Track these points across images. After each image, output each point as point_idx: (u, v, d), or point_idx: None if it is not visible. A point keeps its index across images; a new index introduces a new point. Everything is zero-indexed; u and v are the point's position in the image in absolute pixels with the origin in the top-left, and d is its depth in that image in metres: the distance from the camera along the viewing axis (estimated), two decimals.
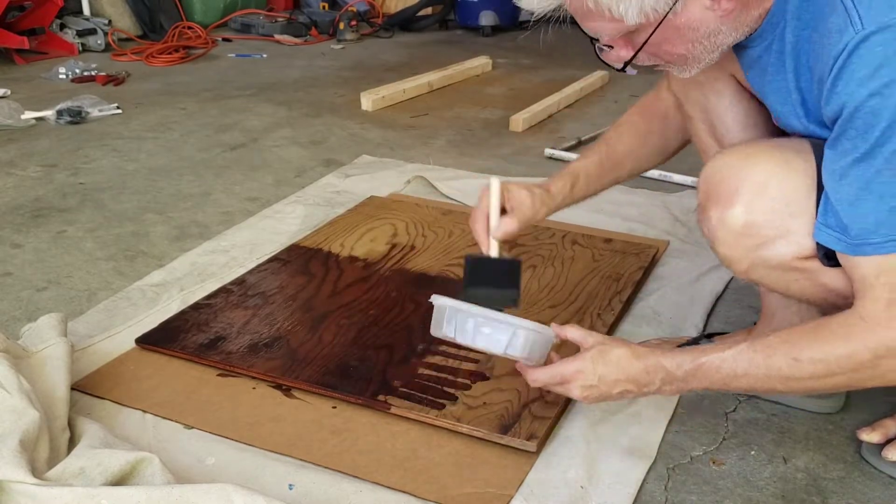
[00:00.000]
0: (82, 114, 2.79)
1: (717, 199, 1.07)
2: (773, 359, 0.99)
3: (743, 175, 1.04)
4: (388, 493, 1.09)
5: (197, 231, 1.93)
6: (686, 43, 1.01)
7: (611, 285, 1.62)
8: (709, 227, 1.09)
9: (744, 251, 1.06)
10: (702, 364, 1.03)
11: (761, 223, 1.04)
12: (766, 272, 1.08)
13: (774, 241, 1.04)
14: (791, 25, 0.99)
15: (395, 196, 2.12)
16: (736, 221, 1.05)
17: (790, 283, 1.08)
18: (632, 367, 1.05)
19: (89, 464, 1.03)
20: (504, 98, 3.24)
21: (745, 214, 1.04)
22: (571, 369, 1.08)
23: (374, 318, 1.49)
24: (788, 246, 1.03)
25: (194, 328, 1.44)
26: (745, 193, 1.04)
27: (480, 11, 4.52)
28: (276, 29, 4.41)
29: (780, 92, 1.06)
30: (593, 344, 1.09)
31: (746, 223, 1.04)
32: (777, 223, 1.03)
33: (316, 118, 2.91)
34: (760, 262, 1.06)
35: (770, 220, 1.03)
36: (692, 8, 0.97)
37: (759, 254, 1.05)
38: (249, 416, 1.24)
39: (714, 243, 1.09)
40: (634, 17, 0.96)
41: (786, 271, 1.06)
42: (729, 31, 1.01)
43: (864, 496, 1.12)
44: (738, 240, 1.06)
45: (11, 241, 1.87)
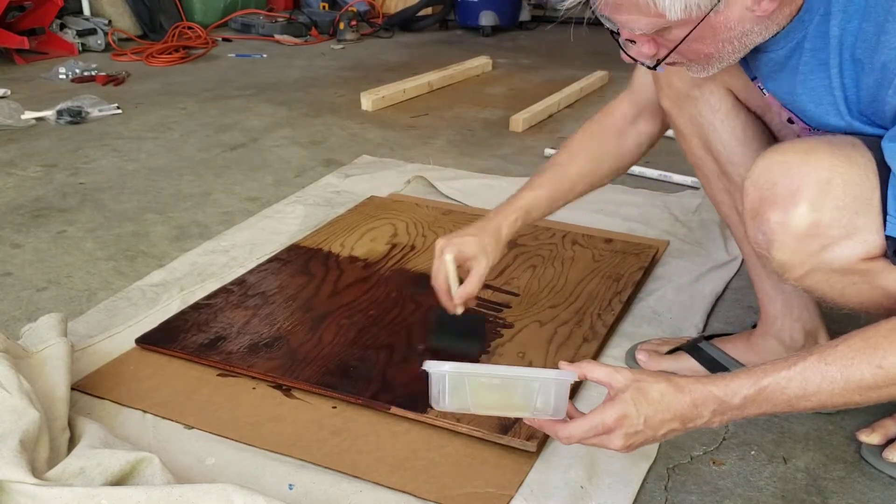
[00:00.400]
0: (82, 114, 2.80)
1: (776, 200, 0.98)
2: (852, 369, 0.91)
3: (804, 172, 0.97)
4: (388, 493, 1.09)
5: (197, 231, 1.93)
6: (718, 42, 0.97)
7: (611, 285, 1.62)
8: (765, 232, 1.00)
9: (806, 255, 0.99)
10: (765, 387, 0.93)
11: (828, 222, 0.96)
12: (825, 277, 1.01)
13: (841, 242, 0.97)
14: (836, 18, 0.95)
15: (395, 196, 2.12)
16: (801, 222, 0.96)
17: (846, 288, 1.02)
18: (678, 402, 0.95)
19: (89, 464, 1.03)
20: (504, 98, 3.24)
21: (811, 214, 0.96)
22: (613, 416, 0.95)
23: (374, 318, 1.49)
24: (856, 246, 0.97)
25: (194, 328, 1.44)
26: (808, 191, 0.96)
27: (480, 11, 4.52)
28: (276, 29, 4.41)
29: (816, 90, 1.01)
30: (627, 382, 0.97)
31: (813, 223, 0.96)
32: (844, 222, 0.96)
33: (316, 118, 2.91)
34: (823, 265, 0.99)
35: (837, 219, 0.96)
36: (734, 7, 0.93)
37: (822, 257, 0.98)
38: (249, 416, 1.24)
39: (771, 248, 1.01)
40: (677, 13, 0.91)
41: (846, 275, 1.00)
42: (760, 30, 0.97)
43: (864, 496, 1.12)
44: (802, 242, 0.98)
45: (11, 241, 1.87)
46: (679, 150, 1.35)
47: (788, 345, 1.30)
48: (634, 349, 1.41)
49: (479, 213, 1.99)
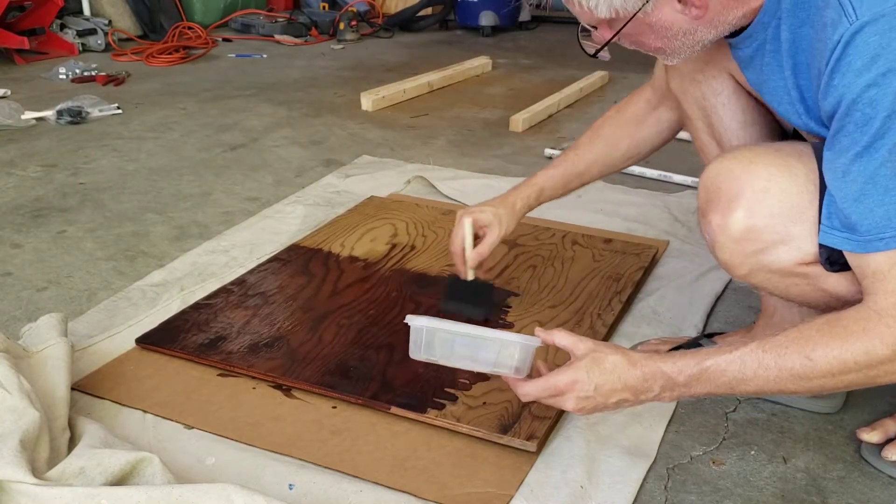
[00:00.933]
0: (82, 114, 2.80)
1: (718, 203, 1.06)
2: (785, 358, 0.95)
3: (744, 180, 1.03)
4: (388, 493, 1.09)
5: (197, 231, 1.93)
6: (661, 39, 1.03)
7: (611, 285, 1.62)
8: (709, 232, 1.08)
9: (744, 256, 1.05)
10: (706, 368, 0.98)
11: (762, 228, 1.02)
12: (766, 277, 1.07)
13: (776, 247, 1.03)
14: (786, 23, 0.99)
15: (395, 196, 2.12)
16: (737, 227, 1.03)
17: (790, 288, 1.07)
18: (629, 374, 1.01)
19: (89, 464, 1.03)
20: (504, 98, 3.24)
21: (745, 219, 1.03)
22: (565, 380, 1.03)
23: (374, 318, 1.49)
24: (790, 252, 1.02)
25: (194, 328, 1.44)
26: (746, 198, 1.02)
27: (480, 11, 4.52)
28: (276, 29, 4.41)
29: (777, 91, 1.06)
30: (585, 351, 1.04)
31: (747, 228, 1.03)
32: (778, 228, 1.02)
33: (316, 118, 2.91)
34: (761, 267, 1.05)
35: (771, 226, 1.02)
36: (663, 9, 0.99)
37: (759, 259, 1.04)
38: (249, 416, 1.24)
39: (714, 248, 1.08)
40: (604, 12, 1.00)
41: (786, 276, 1.05)
42: (706, 30, 1.02)
43: (863, 496, 1.12)
44: (739, 245, 1.04)
45: (11, 241, 1.87)
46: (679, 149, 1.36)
47: None
48: (634, 349, 1.41)
49: None
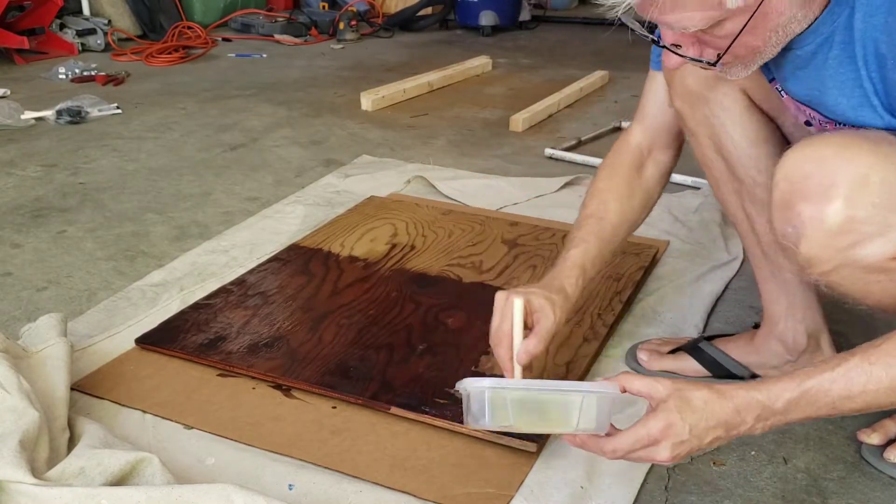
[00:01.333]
0: (82, 114, 2.79)
1: (809, 194, 0.95)
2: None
3: (840, 167, 0.94)
4: (388, 493, 1.09)
5: (197, 231, 1.93)
6: (766, 32, 0.94)
7: (611, 285, 1.61)
8: (796, 225, 0.98)
9: (835, 251, 0.96)
10: (808, 390, 0.90)
11: (863, 219, 0.93)
12: (850, 273, 0.99)
13: (873, 239, 0.95)
14: (860, 11, 0.93)
15: (395, 196, 2.12)
16: (835, 218, 0.94)
17: (871, 285, 1.00)
18: (722, 408, 0.92)
19: (89, 464, 1.03)
20: (504, 98, 3.24)
21: (846, 210, 0.93)
22: (659, 426, 0.92)
23: (374, 318, 1.49)
24: (887, 244, 0.94)
25: (194, 328, 1.44)
26: (844, 186, 0.93)
27: (480, 11, 4.52)
28: (275, 29, 4.41)
29: (846, 84, 0.98)
30: (667, 392, 0.94)
31: (847, 219, 0.94)
32: (878, 219, 0.94)
33: (316, 118, 2.91)
34: (850, 262, 0.97)
35: (872, 216, 0.93)
36: None
37: (851, 253, 0.96)
38: (249, 416, 1.24)
39: (800, 242, 0.98)
40: (737, 1, 0.88)
41: (872, 272, 0.98)
42: (801, 18, 0.95)
43: (864, 497, 1.12)
44: (834, 238, 0.95)
45: (11, 241, 1.87)
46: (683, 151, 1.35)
47: (791, 346, 1.30)
48: (635, 349, 1.41)
49: (480, 213, 2.00)
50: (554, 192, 2.16)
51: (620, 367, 1.39)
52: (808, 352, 1.28)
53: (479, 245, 1.80)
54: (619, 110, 3.01)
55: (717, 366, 1.32)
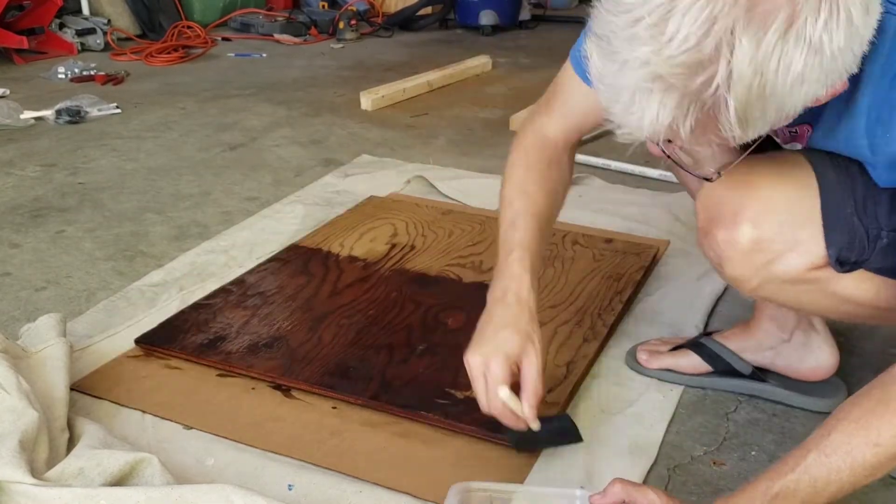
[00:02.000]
0: (81, 113, 2.79)
1: (721, 219, 1.03)
2: (853, 455, 0.88)
3: (746, 192, 1.02)
4: (388, 494, 1.09)
5: (196, 231, 1.93)
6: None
7: (611, 285, 1.61)
8: (715, 249, 1.05)
9: (754, 269, 1.03)
10: (776, 495, 0.90)
11: (771, 237, 1.01)
12: (776, 287, 1.05)
13: (785, 255, 1.01)
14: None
15: (394, 196, 2.11)
16: (745, 239, 1.01)
17: (801, 296, 1.05)
18: None
19: (88, 464, 1.02)
20: (504, 98, 3.23)
21: (754, 231, 1.01)
22: None
23: (373, 318, 1.48)
24: (799, 258, 1.01)
25: (194, 328, 1.44)
26: (750, 209, 1.01)
27: (480, 11, 4.51)
28: (275, 28, 4.40)
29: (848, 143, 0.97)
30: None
31: (755, 239, 1.01)
32: (787, 236, 1.00)
33: (315, 118, 2.91)
34: (772, 277, 1.03)
35: (779, 234, 1.01)
36: None
37: (769, 269, 1.03)
38: (249, 416, 1.24)
39: (721, 264, 1.06)
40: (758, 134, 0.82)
41: (797, 284, 1.03)
42: None
43: (864, 497, 1.11)
44: (748, 257, 1.02)
45: (10, 241, 1.87)
46: None
47: (783, 324, 1.30)
48: (635, 349, 1.41)
49: (480, 213, 1.99)
50: None
51: (621, 367, 1.39)
52: (800, 329, 1.28)
53: (479, 245, 1.80)
54: None
55: (717, 359, 1.32)
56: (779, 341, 1.30)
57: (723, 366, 1.32)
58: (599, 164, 2.35)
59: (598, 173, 2.28)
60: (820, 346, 1.28)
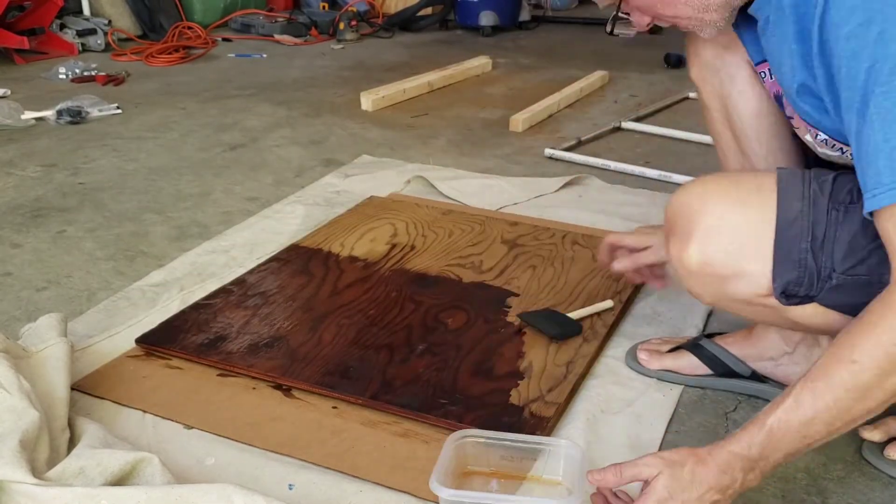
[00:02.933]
0: (82, 114, 2.79)
1: (676, 235, 1.08)
2: (833, 376, 0.88)
3: (696, 216, 1.05)
4: (388, 494, 1.09)
5: (197, 231, 1.93)
6: (677, 4, 1.05)
7: (611, 285, 1.61)
8: (672, 261, 1.10)
9: (704, 286, 1.08)
10: (771, 427, 0.91)
11: (715, 263, 1.04)
12: (730, 304, 1.09)
13: (731, 280, 1.04)
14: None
15: (395, 196, 2.12)
16: (691, 261, 1.05)
17: (758, 314, 1.09)
18: (708, 474, 0.93)
19: (89, 464, 1.03)
20: (504, 98, 3.23)
21: (698, 255, 1.04)
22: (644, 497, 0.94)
23: (373, 318, 1.49)
24: (747, 286, 1.03)
25: (194, 328, 1.44)
26: (698, 235, 1.04)
27: (480, 11, 4.51)
28: (275, 29, 4.40)
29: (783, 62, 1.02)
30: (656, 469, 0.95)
31: (701, 262, 1.04)
32: (731, 264, 1.03)
33: (316, 118, 2.91)
34: (723, 296, 1.07)
35: (723, 261, 1.03)
36: None
37: (719, 289, 1.06)
38: (249, 416, 1.24)
39: (680, 277, 1.10)
40: None
41: (750, 305, 1.06)
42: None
43: (864, 496, 1.12)
44: (698, 276, 1.06)
45: (11, 241, 1.87)
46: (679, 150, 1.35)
47: (788, 336, 1.29)
48: (635, 349, 1.41)
49: (480, 213, 1.99)
50: (554, 192, 2.16)
51: (621, 367, 1.39)
52: (804, 342, 1.28)
53: (479, 245, 1.80)
54: (618, 110, 3.01)
55: (716, 362, 1.32)
56: (781, 353, 1.30)
57: (722, 369, 1.32)
58: (599, 164, 2.35)
59: (598, 173, 2.28)
60: None
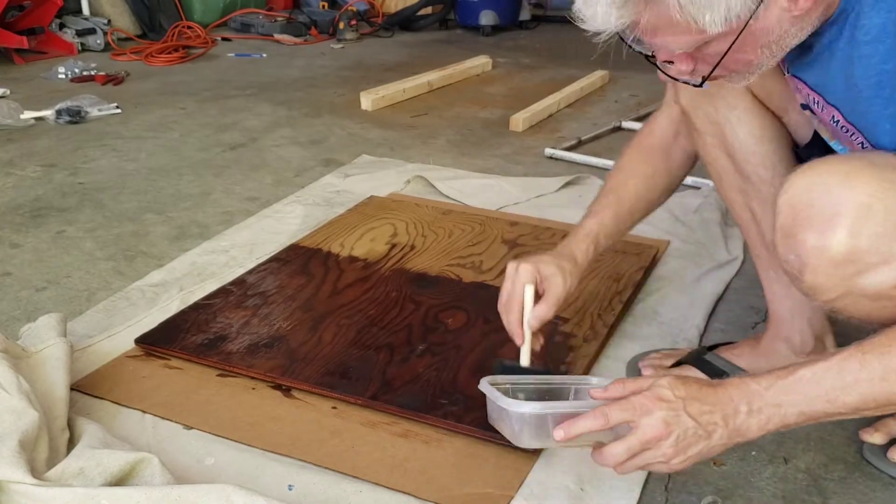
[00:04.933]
0: (82, 113, 2.79)
1: (812, 222, 0.94)
2: (891, 356, 0.87)
3: (843, 195, 0.93)
4: (388, 494, 1.09)
5: (196, 231, 1.93)
6: (757, 48, 0.95)
7: (611, 285, 1.61)
8: (800, 254, 0.96)
9: (840, 280, 0.95)
10: (801, 378, 0.89)
11: (866, 249, 0.92)
12: (856, 300, 0.98)
13: (877, 268, 0.93)
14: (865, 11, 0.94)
15: (394, 196, 2.11)
16: (838, 248, 0.92)
17: (874, 311, 0.99)
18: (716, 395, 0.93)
19: (88, 464, 1.02)
20: (504, 98, 3.23)
21: (849, 240, 0.92)
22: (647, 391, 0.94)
23: (373, 318, 1.48)
24: (891, 273, 0.93)
25: (194, 328, 1.44)
26: (848, 217, 0.92)
27: (480, 11, 4.51)
28: (275, 28, 4.40)
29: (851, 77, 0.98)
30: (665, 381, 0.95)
31: (850, 249, 0.92)
32: (883, 249, 0.92)
33: (316, 118, 2.91)
34: (855, 290, 0.96)
35: (876, 246, 0.93)
36: (772, 10, 0.91)
37: (855, 282, 0.95)
38: (249, 416, 1.24)
39: (804, 271, 0.97)
40: (718, 27, 0.89)
41: (877, 300, 0.97)
42: (796, 31, 0.95)
43: (865, 497, 1.12)
44: (838, 267, 0.94)
45: (11, 241, 1.87)
46: None
47: (798, 348, 1.28)
48: (635, 363, 1.39)
49: (479, 213, 1.99)
50: (554, 192, 2.15)
51: (620, 367, 1.39)
52: (814, 354, 1.27)
53: (479, 245, 1.80)
54: (619, 110, 3.01)
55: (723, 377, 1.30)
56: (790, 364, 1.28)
57: None
58: (599, 164, 2.35)
59: (598, 173, 2.28)
60: None
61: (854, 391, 0.89)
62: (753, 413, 0.92)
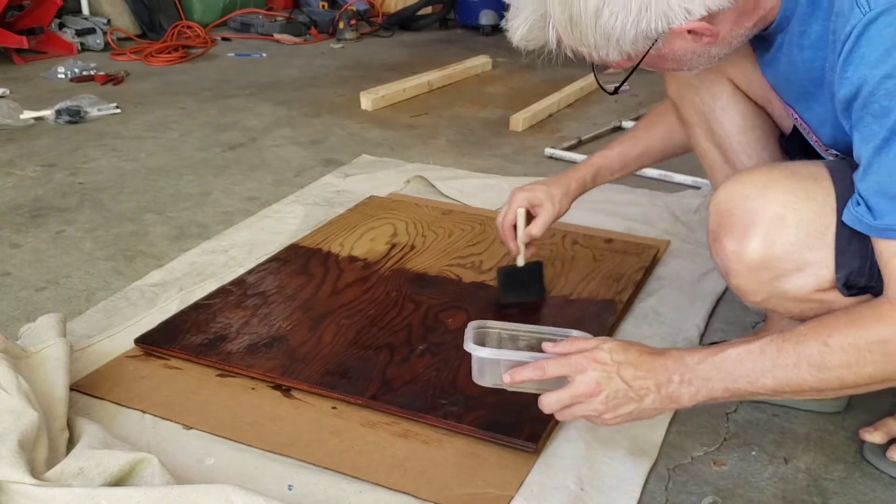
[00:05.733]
0: (81, 113, 2.79)
1: (732, 229, 1.02)
2: (803, 345, 0.93)
3: (759, 206, 0.99)
4: (388, 494, 1.09)
5: (196, 231, 1.93)
6: (675, 63, 1.04)
7: (611, 285, 1.61)
8: (722, 258, 1.04)
9: (759, 284, 1.02)
10: (728, 356, 0.96)
11: (779, 257, 0.99)
12: (781, 303, 1.04)
13: (792, 275, 1.00)
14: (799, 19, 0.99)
15: (394, 196, 2.11)
16: (753, 255, 1.00)
17: (805, 312, 1.04)
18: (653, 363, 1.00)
19: (88, 464, 1.02)
20: (504, 97, 3.23)
21: (762, 248, 0.99)
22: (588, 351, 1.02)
23: (373, 318, 1.48)
24: (807, 279, 0.99)
25: (194, 328, 1.44)
26: (761, 226, 0.99)
27: (480, 10, 4.51)
28: (275, 28, 4.40)
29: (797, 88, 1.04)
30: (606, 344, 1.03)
31: (764, 257, 0.99)
32: (795, 257, 0.98)
33: (315, 118, 2.91)
34: (777, 294, 1.02)
35: (788, 254, 0.99)
36: (675, 42, 0.98)
37: (775, 286, 1.01)
38: (249, 416, 1.24)
39: (727, 274, 1.05)
40: (616, 58, 1.00)
41: (802, 302, 1.02)
42: (720, 48, 1.01)
43: (865, 497, 1.11)
44: (755, 273, 1.01)
45: (10, 241, 1.87)
46: None
47: None
48: None
49: (480, 213, 1.99)
50: None
51: None
52: None
53: (479, 245, 1.79)
54: (619, 110, 3.01)
55: None
56: None
57: None
58: None
59: None
60: None
61: (771, 375, 0.95)
62: (684, 384, 0.98)
